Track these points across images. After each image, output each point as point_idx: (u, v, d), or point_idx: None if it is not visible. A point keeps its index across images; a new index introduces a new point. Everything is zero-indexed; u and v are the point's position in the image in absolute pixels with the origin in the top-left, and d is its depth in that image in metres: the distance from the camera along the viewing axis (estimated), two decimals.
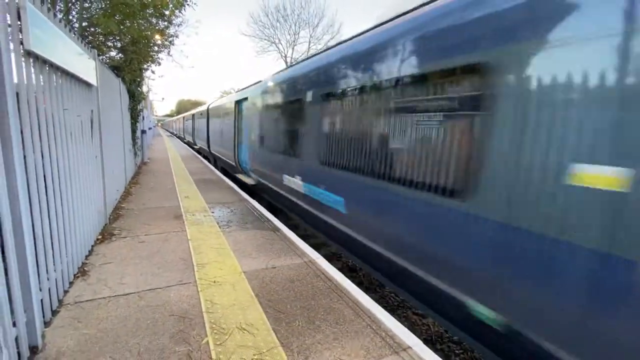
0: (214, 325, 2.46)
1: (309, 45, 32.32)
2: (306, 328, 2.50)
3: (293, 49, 33.02)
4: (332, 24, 39.89)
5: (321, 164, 4.34)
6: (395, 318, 2.71)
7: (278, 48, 33.53)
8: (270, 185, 6.65)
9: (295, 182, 5.14)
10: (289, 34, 33.54)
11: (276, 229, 4.84)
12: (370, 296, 3.06)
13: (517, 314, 2.03)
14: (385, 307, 3.29)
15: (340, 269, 3.90)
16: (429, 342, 3.48)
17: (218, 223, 5.01)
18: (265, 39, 33.27)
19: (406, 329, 2.55)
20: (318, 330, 2.48)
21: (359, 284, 4.20)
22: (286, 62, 32.51)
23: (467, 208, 2.30)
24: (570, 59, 1.75)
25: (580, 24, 1.72)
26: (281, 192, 5.97)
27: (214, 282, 3.14)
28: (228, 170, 11.41)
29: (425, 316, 3.91)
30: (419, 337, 2.49)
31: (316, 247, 4.56)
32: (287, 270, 3.47)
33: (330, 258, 4.49)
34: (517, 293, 2.02)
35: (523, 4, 2.00)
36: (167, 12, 8.33)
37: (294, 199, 5.36)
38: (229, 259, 3.70)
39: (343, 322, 2.59)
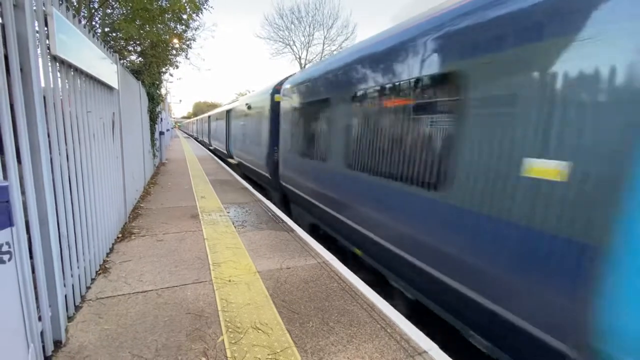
0: (229, 324, 2.49)
1: (323, 46, 32.36)
2: (320, 329, 2.49)
3: (307, 50, 33.13)
4: (347, 25, 39.85)
5: None
6: (410, 321, 2.67)
7: (292, 50, 33.69)
8: None
9: None
10: (304, 36, 33.64)
11: (290, 230, 4.86)
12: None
13: None
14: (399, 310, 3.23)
15: (354, 271, 3.87)
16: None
17: (233, 223, 5.08)
18: (279, 41, 33.52)
19: (421, 333, 2.50)
20: (332, 331, 2.47)
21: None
22: (300, 64, 32.64)
23: None
24: None
25: None
26: None
27: (229, 281, 3.18)
28: None
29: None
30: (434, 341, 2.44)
31: (329, 248, 4.54)
32: (301, 271, 3.47)
33: (344, 259, 4.46)
34: None
35: None
36: (185, 16, 8.53)
37: None
38: (244, 258, 3.74)
39: (357, 324, 2.57)
